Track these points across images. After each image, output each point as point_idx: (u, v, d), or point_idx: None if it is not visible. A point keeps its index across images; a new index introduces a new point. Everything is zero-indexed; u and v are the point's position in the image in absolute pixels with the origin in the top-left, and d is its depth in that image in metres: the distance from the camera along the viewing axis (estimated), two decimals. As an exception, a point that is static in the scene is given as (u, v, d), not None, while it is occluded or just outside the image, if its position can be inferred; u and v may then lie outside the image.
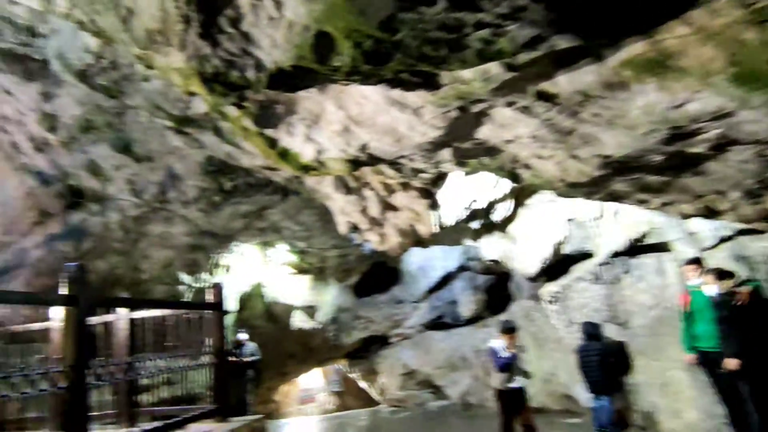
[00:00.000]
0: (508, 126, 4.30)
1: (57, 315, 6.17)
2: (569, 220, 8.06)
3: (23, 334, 7.73)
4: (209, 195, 9.21)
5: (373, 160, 5.19)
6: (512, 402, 6.16)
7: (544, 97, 3.75)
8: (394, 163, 5.42)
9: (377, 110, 4.34)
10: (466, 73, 3.31)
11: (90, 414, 4.76)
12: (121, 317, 7.23)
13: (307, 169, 5.36)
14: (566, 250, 8.21)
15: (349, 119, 4.65)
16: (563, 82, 3.49)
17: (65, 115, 7.76)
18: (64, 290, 4.57)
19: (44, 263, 9.31)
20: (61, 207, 9.18)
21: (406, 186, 6.36)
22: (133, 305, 6.07)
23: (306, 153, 5.16)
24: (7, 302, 4.21)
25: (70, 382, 4.23)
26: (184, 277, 10.50)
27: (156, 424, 5.73)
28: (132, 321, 7.09)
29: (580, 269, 8.03)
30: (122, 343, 7.09)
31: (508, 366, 6.10)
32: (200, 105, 6.22)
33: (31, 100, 7.69)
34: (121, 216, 9.44)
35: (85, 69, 5.82)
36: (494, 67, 3.18)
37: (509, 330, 6.31)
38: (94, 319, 6.88)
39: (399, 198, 6.65)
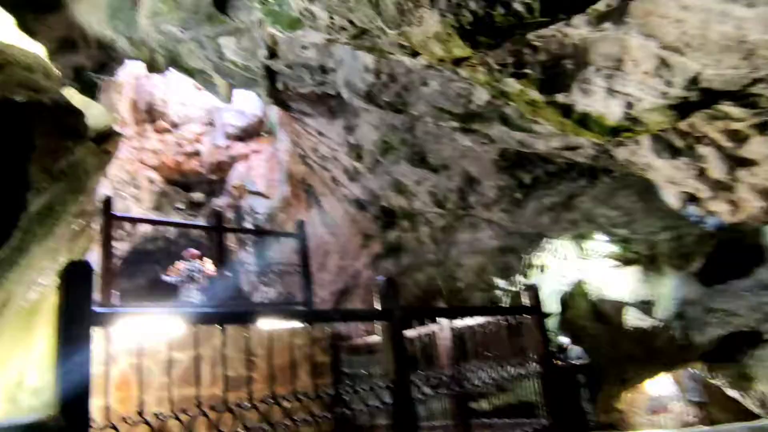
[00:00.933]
0: None
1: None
2: None
3: (363, 347, 8.51)
4: (509, 193, 8.70)
5: (709, 98, 3.80)
6: None
7: None
8: (741, 96, 3.89)
9: (708, 19, 3.06)
10: None
11: (419, 426, 4.64)
12: (443, 327, 7.25)
13: (615, 132, 4.27)
14: None
15: (665, 49, 3.45)
16: None
17: (366, 143, 8.33)
18: (377, 305, 4.57)
19: (372, 281, 10.21)
20: (379, 228, 9.95)
21: (764, 127, 4.60)
22: (447, 314, 5.88)
23: (612, 112, 4.10)
24: (330, 320, 4.35)
25: (394, 396, 4.13)
26: (499, 282, 10.19)
27: (491, 440, 5.37)
28: (453, 330, 7.04)
29: None
30: (446, 353, 7.06)
31: None
32: (481, 94, 5.75)
33: (338, 136, 8.52)
34: (429, 228, 9.72)
35: (369, 89, 5.97)
36: None
37: None
38: (414, 332, 7.03)
39: (755, 146, 4.88)
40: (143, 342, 6.70)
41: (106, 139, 4.35)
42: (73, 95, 4.18)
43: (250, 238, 12.82)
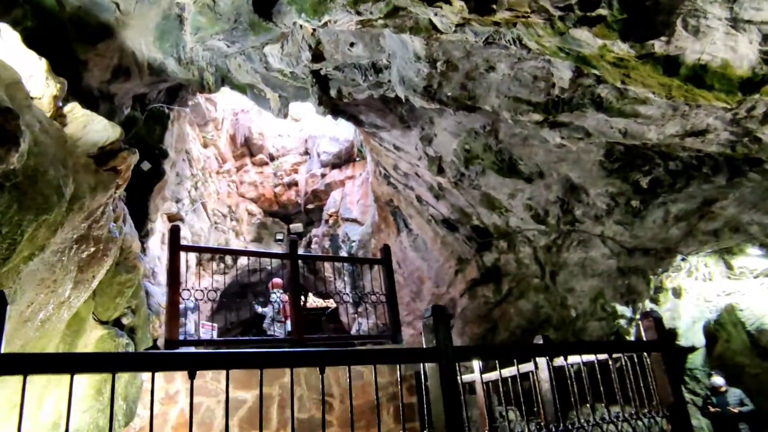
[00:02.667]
0: None
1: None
2: None
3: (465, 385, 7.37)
4: (623, 201, 7.17)
5: None
6: None
7: None
8: None
9: None
10: None
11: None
12: (542, 366, 5.96)
13: (749, 87, 2.94)
14: None
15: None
16: None
17: (446, 153, 7.36)
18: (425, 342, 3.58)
19: (469, 310, 9.05)
20: (473, 250, 8.83)
21: None
22: (525, 353, 4.63)
23: (741, 55, 2.80)
24: (370, 362, 3.40)
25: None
26: (621, 309, 8.50)
27: None
28: (555, 370, 5.74)
29: None
30: (547, 398, 5.73)
31: None
32: (562, 72, 4.58)
33: (415, 149, 7.65)
34: (531, 248, 8.40)
35: (428, 83, 5.06)
36: None
37: None
38: (507, 371, 5.82)
39: None
40: (205, 380, 6.16)
41: (113, 156, 3.90)
42: (74, 109, 3.79)
43: (346, 268, 12.30)
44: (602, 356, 4.56)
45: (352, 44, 5.17)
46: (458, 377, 3.44)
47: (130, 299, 5.57)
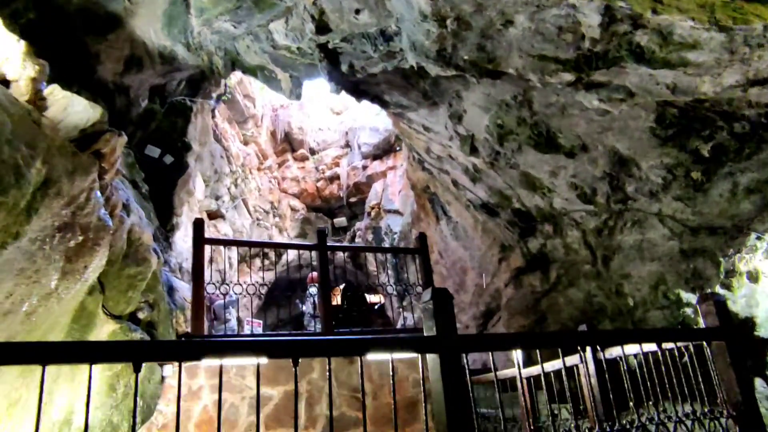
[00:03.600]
0: None
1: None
2: None
3: (504, 382, 6.81)
4: (682, 173, 6.35)
5: None
6: None
7: None
8: None
9: None
10: None
11: None
12: (587, 359, 5.35)
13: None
14: None
15: None
16: None
17: (478, 130, 6.81)
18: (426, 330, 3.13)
19: (515, 301, 8.41)
20: (516, 236, 8.20)
21: None
22: (539, 343, 4.03)
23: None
24: (356, 353, 2.98)
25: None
26: (687, 296, 7.60)
27: None
28: (600, 363, 5.13)
29: None
30: (592, 396, 5.11)
31: None
32: (590, 18, 3.97)
33: (445, 128, 7.14)
34: (579, 231, 7.67)
35: (441, 46, 4.57)
36: None
37: None
38: (548, 365, 5.22)
39: None
40: (229, 375, 5.93)
41: (95, 139, 3.68)
42: (54, 91, 3.59)
43: (390, 260, 11.90)
44: (652, 347, 3.94)
45: (357, 11, 4.76)
46: (466, 369, 2.98)
47: (146, 293, 5.41)
